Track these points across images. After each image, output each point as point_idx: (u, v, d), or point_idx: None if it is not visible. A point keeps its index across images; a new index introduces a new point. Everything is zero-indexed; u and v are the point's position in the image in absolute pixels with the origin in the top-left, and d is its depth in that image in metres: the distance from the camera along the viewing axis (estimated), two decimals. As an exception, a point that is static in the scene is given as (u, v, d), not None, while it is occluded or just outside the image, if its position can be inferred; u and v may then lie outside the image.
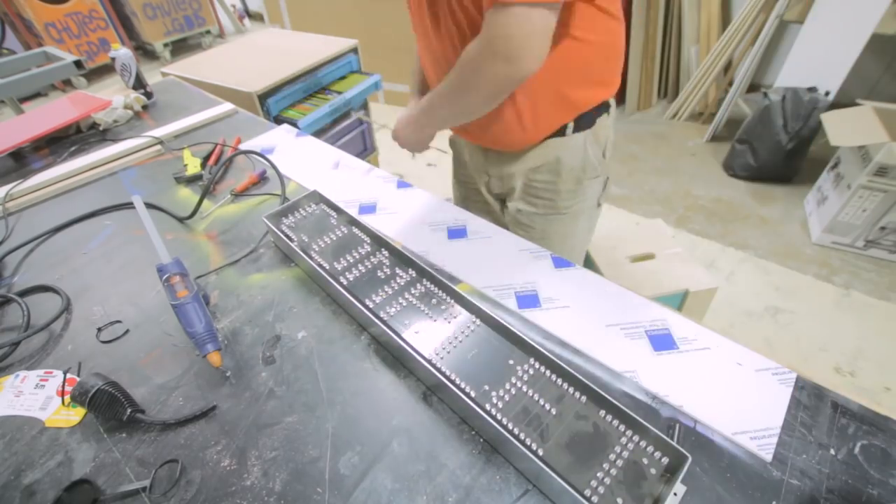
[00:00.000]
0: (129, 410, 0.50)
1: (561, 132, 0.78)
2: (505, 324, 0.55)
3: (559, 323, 0.60)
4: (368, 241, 0.71)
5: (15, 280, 0.72)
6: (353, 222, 0.74)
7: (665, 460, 0.44)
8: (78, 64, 1.40)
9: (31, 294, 0.69)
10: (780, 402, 0.50)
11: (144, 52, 4.16)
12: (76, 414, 0.53)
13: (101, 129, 1.11)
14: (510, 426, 0.47)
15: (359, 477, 0.46)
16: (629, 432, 0.46)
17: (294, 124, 1.50)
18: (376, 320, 0.56)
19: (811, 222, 2.01)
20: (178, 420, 0.51)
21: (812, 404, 0.50)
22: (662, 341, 0.58)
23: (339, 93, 1.67)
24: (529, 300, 0.64)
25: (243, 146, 1.02)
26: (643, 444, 0.45)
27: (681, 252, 1.33)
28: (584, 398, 0.49)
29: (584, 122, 0.78)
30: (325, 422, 0.51)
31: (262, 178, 0.90)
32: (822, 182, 2.02)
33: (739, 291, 1.76)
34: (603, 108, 0.79)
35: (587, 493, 0.41)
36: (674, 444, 0.43)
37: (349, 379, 0.55)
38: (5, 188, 0.88)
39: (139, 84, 1.24)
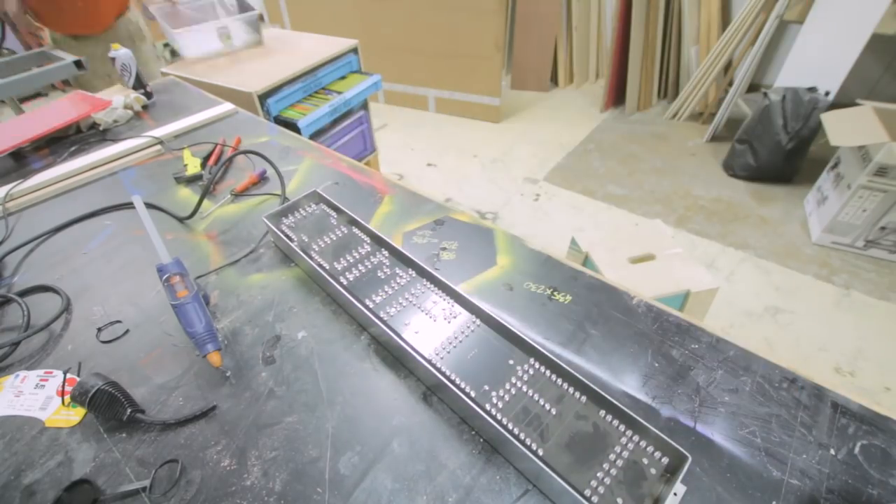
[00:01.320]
0: (129, 410, 0.50)
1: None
2: (505, 324, 0.55)
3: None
4: (368, 241, 0.71)
5: (15, 280, 0.72)
6: (353, 222, 0.74)
7: (665, 460, 0.44)
8: (78, 64, 1.40)
9: (31, 294, 0.69)
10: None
11: (144, 52, 4.15)
12: (76, 414, 0.53)
13: (101, 129, 1.11)
14: (510, 426, 0.47)
15: (359, 477, 0.46)
16: (629, 432, 0.46)
17: (294, 124, 1.50)
18: (376, 320, 0.56)
19: (811, 222, 2.01)
20: (178, 420, 0.51)
21: (812, 404, 0.50)
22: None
23: (339, 93, 1.67)
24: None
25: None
26: (643, 444, 0.45)
27: (681, 252, 1.33)
28: (584, 398, 0.49)
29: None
30: (325, 422, 0.51)
31: (261, 178, 0.90)
32: (822, 182, 2.02)
33: (739, 291, 1.76)
34: None
35: (587, 493, 0.41)
36: (674, 444, 0.43)
37: (349, 379, 0.55)
38: (5, 188, 0.88)
39: (139, 84, 1.24)
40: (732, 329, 1.63)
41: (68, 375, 0.55)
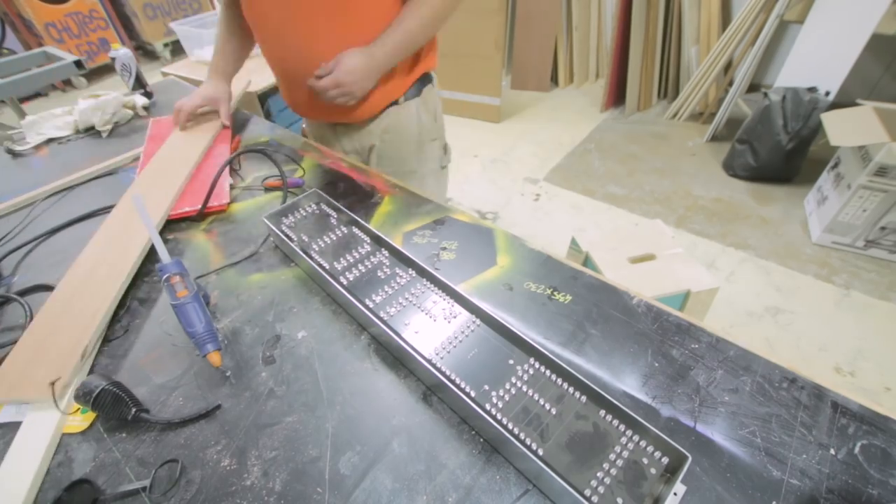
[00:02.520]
0: (133, 410, 0.50)
1: (395, 101, 0.93)
2: (505, 324, 0.55)
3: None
4: (368, 241, 0.71)
5: (15, 280, 0.72)
6: (353, 222, 0.74)
7: (665, 460, 0.44)
8: (78, 64, 1.40)
9: (31, 294, 0.69)
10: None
11: (144, 52, 4.16)
12: (84, 419, 0.52)
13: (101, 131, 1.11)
14: (510, 426, 0.47)
15: (359, 477, 0.46)
16: (629, 432, 0.46)
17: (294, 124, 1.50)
18: (376, 320, 0.56)
19: (811, 222, 2.01)
20: (183, 419, 0.51)
21: (812, 404, 0.50)
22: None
23: (339, 93, 1.67)
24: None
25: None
26: (643, 444, 0.45)
27: (681, 252, 1.33)
28: (584, 398, 0.49)
29: (414, 91, 0.95)
30: (325, 422, 0.51)
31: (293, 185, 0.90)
32: (822, 182, 2.02)
33: (740, 291, 1.76)
34: (427, 78, 0.96)
35: (587, 493, 0.41)
36: (674, 444, 0.43)
37: (349, 379, 0.55)
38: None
39: (139, 84, 1.24)
40: (732, 329, 1.63)
41: (68, 375, 0.55)
